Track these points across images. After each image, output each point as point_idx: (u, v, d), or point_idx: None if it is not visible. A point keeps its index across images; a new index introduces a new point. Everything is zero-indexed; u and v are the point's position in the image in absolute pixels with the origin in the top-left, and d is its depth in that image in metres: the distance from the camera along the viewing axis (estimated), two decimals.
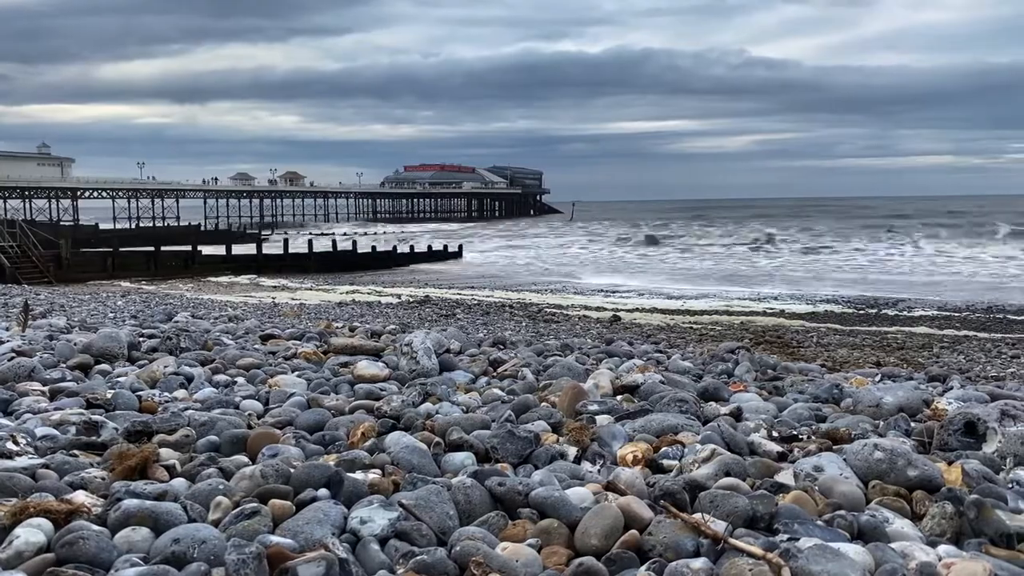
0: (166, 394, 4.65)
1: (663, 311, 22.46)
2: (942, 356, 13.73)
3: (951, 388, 6.04)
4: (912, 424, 4.19)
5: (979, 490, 2.95)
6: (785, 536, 2.45)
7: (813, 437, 3.85)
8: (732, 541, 2.40)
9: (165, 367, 5.24)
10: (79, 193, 77.52)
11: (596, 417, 4.10)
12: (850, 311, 22.64)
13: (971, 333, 17.67)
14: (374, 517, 2.54)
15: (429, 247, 49.46)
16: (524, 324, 17.59)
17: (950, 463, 3.25)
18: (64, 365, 5.32)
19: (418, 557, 2.35)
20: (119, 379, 4.99)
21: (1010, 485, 3.17)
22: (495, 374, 5.74)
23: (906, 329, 18.28)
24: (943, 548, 2.49)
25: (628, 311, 22.05)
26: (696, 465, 3.18)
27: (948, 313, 22.01)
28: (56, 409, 4.07)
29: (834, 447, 3.51)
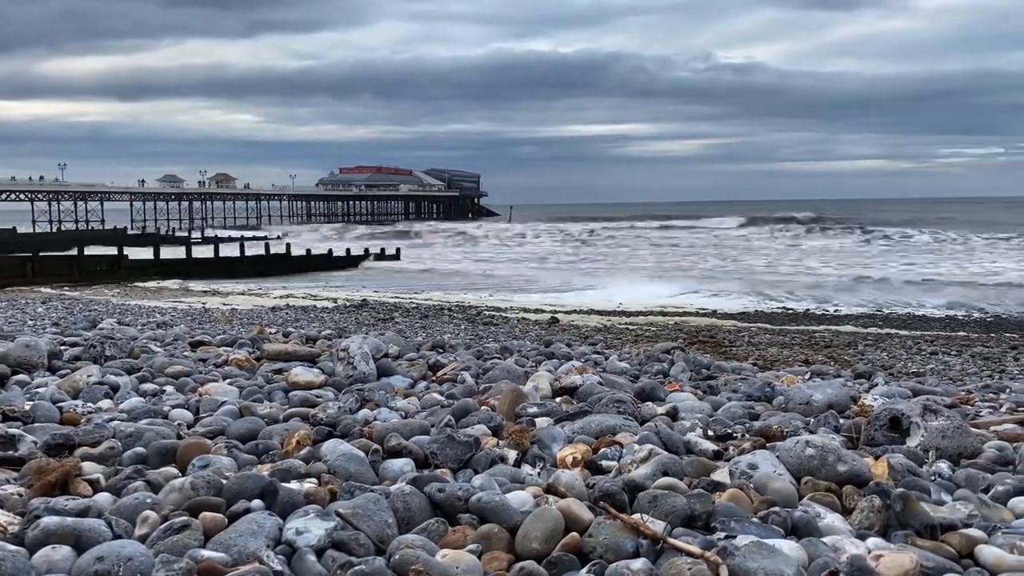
0: (89, 405, 4.46)
1: (600, 312, 22.72)
2: (867, 353, 14.24)
3: (876, 385, 6.26)
4: (841, 420, 4.32)
5: (904, 483, 3.06)
6: (722, 534, 2.49)
7: (747, 435, 3.93)
8: (671, 541, 2.43)
9: (88, 376, 5.02)
10: None
11: (536, 419, 4.10)
12: (779, 311, 23.31)
13: (893, 331, 18.40)
14: (310, 527, 2.48)
15: (366, 250, 48.88)
16: (463, 327, 17.53)
17: (877, 458, 3.37)
18: None
19: (356, 567, 2.30)
20: (38, 390, 4.77)
21: (932, 478, 3.30)
22: (434, 378, 5.69)
23: (832, 328, 18.91)
24: (872, 541, 2.57)
25: (566, 313, 22.23)
26: (634, 465, 3.21)
27: (872, 312, 22.88)
28: None
29: (767, 445, 3.59)
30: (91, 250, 40.22)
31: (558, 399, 4.79)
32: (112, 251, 39.76)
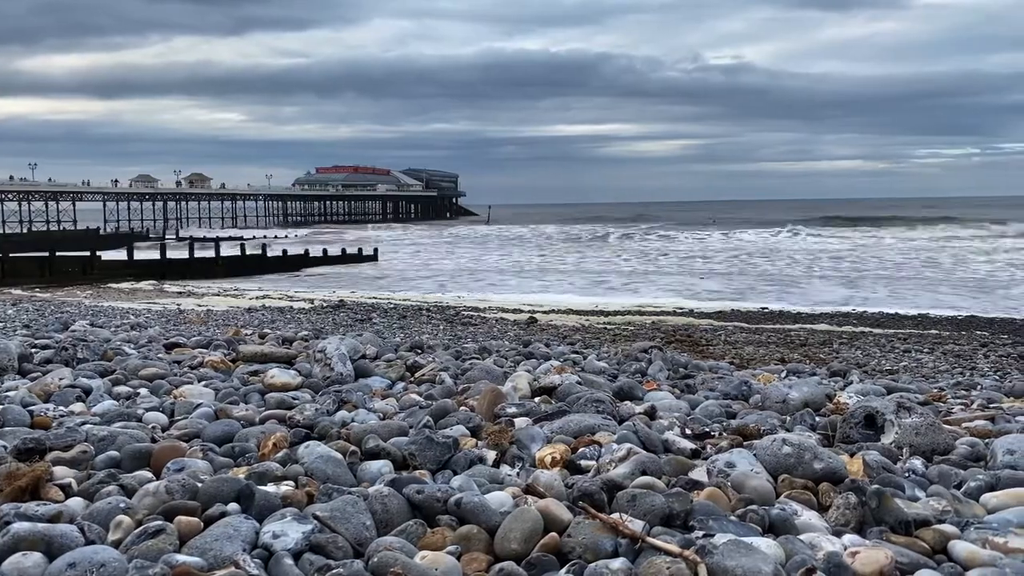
0: (61, 408, 4.39)
1: (578, 312, 22.78)
2: (841, 352, 14.40)
3: (851, 382, 6.34)
4: (817, 418, 4.36)
5: (879, 480, 3.09)
6: (700, 533, 2.50)
7: (724, 434, 3.95)
8: (650, 540, 2.43)
9: (60, 379, 4.94)
10: None
11: (515, 420, 4.10)
12: (755, 310, 23.51)
13: (867, 329, 18.63)
14: (287, 531, 2.46)
15: (343, 250, 48.58)
16: (442, 328, 17.49)
17: (852, 455, 3.40)
18: None
19: (334, 571, 2.28)
20: (8, 393, 4.68)
21: (907, 474, 3.34)
22: (413, 379, 5.67)
23: (808, 326, 19.11)
24: (848, 537, 2.59)
25: (544, 312, 22.26)
26: (613, 465, 3.21)
27: (847, 310, 23.16)
28: None
29: (744, 443, 3.61)
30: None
31: (537, 399, 4.78)
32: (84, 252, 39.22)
